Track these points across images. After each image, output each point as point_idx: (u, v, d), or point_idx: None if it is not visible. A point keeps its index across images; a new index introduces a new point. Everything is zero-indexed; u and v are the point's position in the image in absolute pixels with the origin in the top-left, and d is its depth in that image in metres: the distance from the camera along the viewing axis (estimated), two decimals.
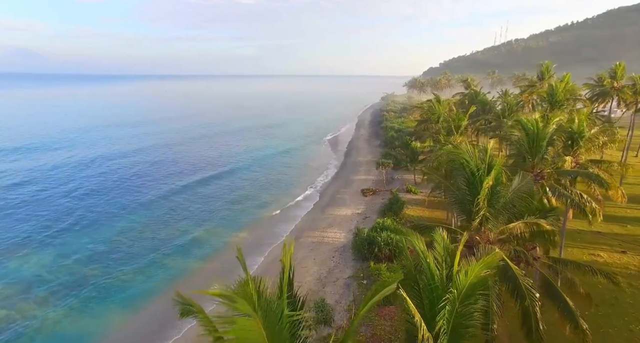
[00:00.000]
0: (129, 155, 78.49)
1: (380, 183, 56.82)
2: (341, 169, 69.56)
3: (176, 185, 59.17)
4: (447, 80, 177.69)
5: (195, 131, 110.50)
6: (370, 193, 52.03)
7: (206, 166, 71.67)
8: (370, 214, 44.76)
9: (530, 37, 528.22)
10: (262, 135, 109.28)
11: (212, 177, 64.26)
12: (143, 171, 66.62)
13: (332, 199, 52.19)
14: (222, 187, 59.16)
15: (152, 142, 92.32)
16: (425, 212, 43.80)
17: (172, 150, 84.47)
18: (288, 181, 63.72)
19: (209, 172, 67.11)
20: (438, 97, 45.14)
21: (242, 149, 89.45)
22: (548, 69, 50.81)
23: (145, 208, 50.03)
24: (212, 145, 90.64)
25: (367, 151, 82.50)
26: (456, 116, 28.52)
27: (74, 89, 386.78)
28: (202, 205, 51.19)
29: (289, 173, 69.19)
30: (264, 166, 73.32)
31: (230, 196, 55.10)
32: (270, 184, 62.04)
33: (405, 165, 57.30)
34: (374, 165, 68.69)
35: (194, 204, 51.55)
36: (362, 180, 60.41)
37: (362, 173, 64.80)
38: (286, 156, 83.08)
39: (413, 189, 50.73)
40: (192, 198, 53.85)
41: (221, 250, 38.79)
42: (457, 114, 28.66)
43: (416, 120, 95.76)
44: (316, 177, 66.06)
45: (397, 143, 69.27)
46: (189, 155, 79.67)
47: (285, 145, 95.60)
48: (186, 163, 72.77)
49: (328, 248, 36.86)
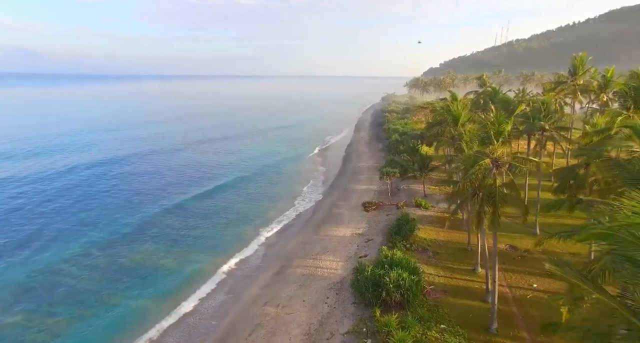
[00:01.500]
0: (112, 163, 69.75)
1: (384, 195, 49.21)
2: (339, 176, 61.92)
3: (153, 201, 51.44)
4: (451, 79, 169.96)
5: (189, 137, 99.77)
6: (372, 208, 44.41)
7: (196, 177, 63.81)
8: (374, 235, 37.14)
9: (532, 37, 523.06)
10: (257, 139, 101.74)
11: (196, 191, 56.39)
12: (120, 183, 57.94)
13: (328, 214, 44.54)
14: (204, 201, 51.43)
15: (137, 148, 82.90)
16: (440, 233, 36.18)
17: (160, 158, 75.50)
18: (278, 191, 56.04)
19: (196, 185, 58.95)
20: (454, 94, 37.45)
21: (233, 155, 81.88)
22: (582, 63, 43.34)
23: (108, 226, 42.37)
24: (204, 152, 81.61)
25: (368, 155, 74.89)
26: (496, 118, 20.84)
27: (73, 89, 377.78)
28: (180, 223, 43.54)
29: (280, 181, 61.57)
30: (254, 174, 65.64)
31: (212, 212, 47.42)
32: (260, 195, 54.41)
33: (414, 174, 49.74)
34: (376, 172, 61.14)
35: (174, 222, 43.86)
36: (363, 190, 52.79)
37: (363, 182, 57.17)
38: (279, 161, 75.45)
39: (423, 203, 43.14)
40: (171, 215, 46.08)
41: (189, 285, 31.17)
42: (497, 115, 20.92)
43: (424, 121, 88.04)
44: (311, 186, 58.48)
45: (402, 147, 61.71)
46: (179, 165, 69.84)
47: (279, 149, 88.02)
48: (174, 175, 63.32)
49: (321, 284, 29.20)
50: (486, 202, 19.59)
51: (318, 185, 58.40)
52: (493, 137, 20.30)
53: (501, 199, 19.10)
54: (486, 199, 19.59)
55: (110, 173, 63.16)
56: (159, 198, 51.03)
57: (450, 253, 32.30)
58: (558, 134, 31.59)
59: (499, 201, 19.03)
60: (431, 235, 35.81)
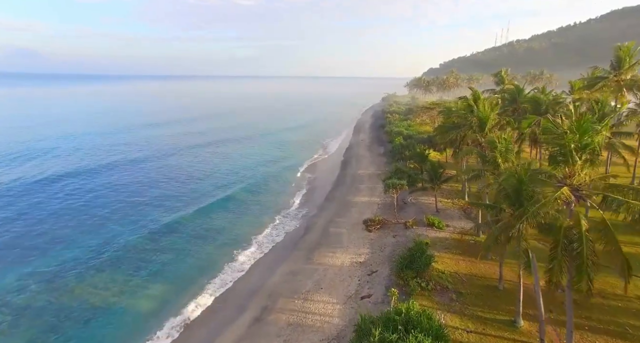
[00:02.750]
0: (93, 172, 61.36)
1: (390, 210, 42.24)
2: (337, 185, 54.93)
3: (120, 220, 44.40)
4: (455, 79, 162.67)
5: (182, 141, 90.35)
6: (376, 227, 37.42)
7: (177, 191, 56.64)
8: (379, 265, 30.18)
9: (532, 37, 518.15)
10: (252, 143, 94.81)
11: (174, 209, 49.42)
12: (91, 198, 49.37)
13: (324, 234, 37.57)
14: (181, 219, 44.40)
15: (122, 154, 73.95)
16: (461, 263, 29.23)
17: (144, 167, 66.30)
18: (265, 203, 49.02)
19: (176, 200, 51.89)
20: (477, 92, 30.27)
21: (224, 162, 75.02)
22: (629, 54, 36.22)
23: (64, 250, 35.36)
24: (193, 158, 73.18)
25: (369, 161, 67.93)
26: (578, 124, 13.82)
27: (70, 89, 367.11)
28: (149, 246, 36.55)
29: (269, 190, 54.61)
30: (242, 181, 58.65)
31: (188, 231, 40.42)
32: (244, 208, 47.44)
33: (423, 185, 42.87)
34: (378, 181, 54.20)
35: (142, 245, 36.85)
36: (364, 203, 45.84)
37: (363, 192, 50.20)
38: (271, 168, 68.52)
39: (436, 222, 36.20)
40: (140, 238, 38.97)
41: (137, 334, 24.20)
42: (583, 120, 13.82)
43: (430, 123, 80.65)
44: (304, 197, 51.57)
45: (408, 153, 54.76)
46: (163, 177, 60.54)
47: (273, 153, 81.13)
48: (154, 190, 53.63)
49: (312, 340, 22.21)
50: (563, 258, 12.56)
51: (312, 197, 51.43)
52: (573, 152, 13.33)
53: (591, 254, 12.08)
54: (563, 252, 12.61)
55: (87, 185, 54.52)
56: (129, 216, 43.79)
57: (477, 293, 25.28)
58: (622, 143, 24.68)
59: (589, 257, 12.02)
60: (450, 266, 28.85)
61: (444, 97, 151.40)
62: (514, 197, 19.43)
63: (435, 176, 39.17)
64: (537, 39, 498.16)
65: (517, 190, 19.11)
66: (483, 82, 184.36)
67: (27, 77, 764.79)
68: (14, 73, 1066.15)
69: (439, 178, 39.01)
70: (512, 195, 19.41)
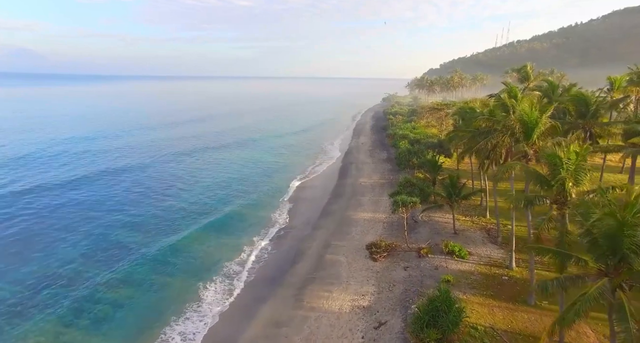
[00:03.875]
0: (64, 188, 51.63)
1: (398, 230, 35.24)
2: (334, 197, 47.84)
3: (70, 247, 37.24)
4: (460, 78, 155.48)
5: (170, 147, 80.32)
6: (382, 255, 30.37)
7: (160, 204, 49.45)
8: (388, 314, 23.12)
9: (533, 38, 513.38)
10: (245, 149, 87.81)
11: (141, 235, 42.32)
12: (37, 220, 40.61)
13: (318, 264, 30.51)
14: (142, 245, 37.31)
15: (95, 165, 63.79)
16: (496, 312, 22.20)
17: (119, 180, 56.14)
18: (250, 219, 41.77)
19: (145, 227, 44.36)
20: (514, 88, 22.80)
21: (212, 169, 68.12)
22: None
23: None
24: (185, 166, 65.11)
25: (372, 168, 60.89)
26: None
27: (67, 89, 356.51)
28: (97, 289, 29.46)
29: (257, 202, 47.45)
30: (226, 192, 51.61)
31: (155, 257, 33.34)
32: (228, 225, 40.35)
33: (436, 199, 35.94)
34: (382, 192, 47.31)
35: (94, 286, 29.78)
36: (367, 221, 38.79)
37: (366, 207, 43.13)
38: (260, 177, 61.44)
39: (457, 249, 29.21)
40: (96, 276, 31.88)
41: None
42: None
43: (437, 126, 72.92)
44: (296, 212, 44.47)
45: (416, 161, 47.76)
46: (148, 186, 52.80)
47: (265, 158, 74.13)
48: (120, 213, 43.52)
49: None
50: None
51: (306, 212, 44.28)
52: None
53: None
54: None
55: (53, 202, 46.11)
56: (85, 243, 36.41)
57: None
58: None
59: None
60: (483, 316, 21.85)
61: (448, 97, 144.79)
62: (607, 246, 12.47)
63: (454, 191, 32.15)
64: (538, 40, 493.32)
65: (613, 237, 12.15)
66: (487, 83, 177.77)
67: (22, 77, 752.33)
68: (14, 73, 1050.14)
69: (458, 194, 32.00)
70: (605, 243, 12.44)
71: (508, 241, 31.33)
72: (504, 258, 28.56)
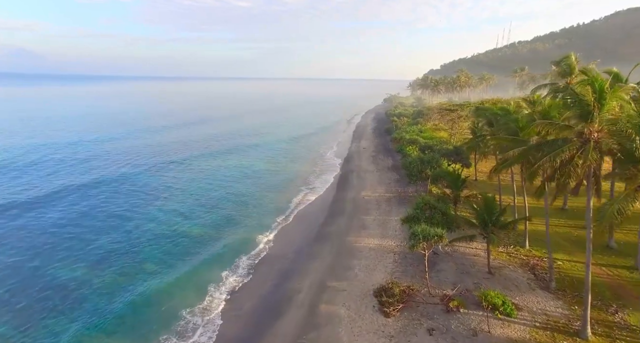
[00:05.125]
0: (43, 204, 43.56)
1: (413, 266, 27.37)
2: (332, 215, 39.85)
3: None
4: (466, 77, 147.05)
5: (155, 154, 70.85)
6: (396, 307, 22.38)
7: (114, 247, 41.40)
8: None
9: (535, 38, 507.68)
10: (238, 155, 79.92)
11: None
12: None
13: (307, 321, 22.52)
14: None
15: (74, 178, 54.30)
16: None
17: (104, 193, 48.20)
18: (222, 242, 33.63)
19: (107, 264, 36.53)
20: (600, 80, 15.31)
21: (193, 178, 60.22)
22: None
23: None
24: (166, 179, 55.54)
25: (376, 178, 52.98)
26: None
27: (63, 89, 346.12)
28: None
29: (236, 222, 39.33)
30: (203, 208, 43.63)
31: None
32: (192, 254, 32.40)
33: (461, 227, 28.08)
34: (390, 209, 39.56)
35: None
36: (374, 249, 30.87)
37: (371, 229, 35.19)
38: (249, 187, 53.48)
39: (500, 303, 21.23)
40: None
41: None
42: None
43: (448, 129, 63.80)
44: (284, 234, 36.45)
45: (431, 171, 39.68)
46: (121, 206, 43.92)
47: (256, 166, 66.16)
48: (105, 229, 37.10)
49: None
50: None
51: (296, 235, 36.23)
52: None
53: None
54: None
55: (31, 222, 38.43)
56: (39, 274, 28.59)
57: None
58: None
59: None
60: None
61: (453, 98, 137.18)
62: None
63: (490, 218, 24.21)
64: (540, 40, 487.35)
65: None
66: (494, 83, 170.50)
67: (21, 77, 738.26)
68: (13, 73, 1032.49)
69: (496, 221, 24.07)
70: None
71: (565, 286, 23.50)
72: (567, 317, 20.67)
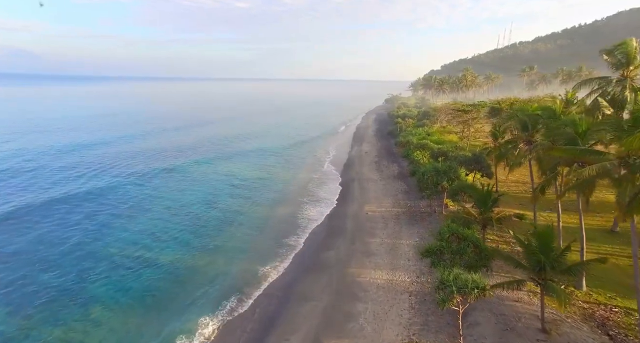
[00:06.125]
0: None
1: (436, 315, 20.58)
2: (329, 236, 32.95)
3: None
4: (472, 76, 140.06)
5: (138, 164, 60.38)
6: None
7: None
8: None
9: (536, 39, 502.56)
10: (228, 163, 73.02)
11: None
12: None
13: None
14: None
15: (41, 192, 48.54)
16: None
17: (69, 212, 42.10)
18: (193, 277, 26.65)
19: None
20: None
21: (168, 194, 53.32)
22: None
23: None
24: (138, 198, 49.74)
25: (380, 188, 46.17)
26: None
27: (60, 89, 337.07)
28: None
29: (215, 247, 32.46)
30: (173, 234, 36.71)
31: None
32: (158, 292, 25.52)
33: (507, 267, 21.36)
34: (400, 229, 32.87)
35: None
36: (382, 287, 24.07)
37: (379, 258, 28.36)
38: (235, 198, 46.61)
39: None
40: None
41: None
42: None
43: (460, 132, 55.37)
44: (274, 265, 29.53)
45: (448, 184, 32.87)
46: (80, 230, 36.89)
47: (250, 174, 59.29)
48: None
49: None
50: None
51: (284, 264, 29.35)
52: None
53: None
54: None
55: None
56: None
57: None
58: None
59: None
60: None
61: (458, 98, 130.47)
62: None
63: (547, 260, 17.36)
64: (542, 41, 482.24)
65: None
66: (499, 83, 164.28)
67: (21, 77, 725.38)
68: (12, 73, 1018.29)
69: (556, 264, 17.24)
70: None
71: None
72: None
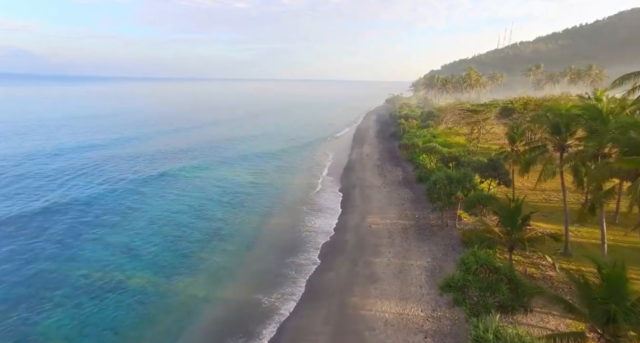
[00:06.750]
0: None
1: None
2: (328, 253, 28.97)
3: None
4: (477, 76, 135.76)
5: (127, 171, 55.64)
6: None
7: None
8: None
9: (537, 39, 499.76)
10: (224, 168, 68.93)
11: None
12: None
13: None
14: None
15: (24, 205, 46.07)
16: None
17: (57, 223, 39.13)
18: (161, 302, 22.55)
19: None
20: None
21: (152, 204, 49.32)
22: None
23: None
24: (128, 205, 45.82)
25: (384, 196, 42.12)
26: None
27: (57, 89, 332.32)
28: None
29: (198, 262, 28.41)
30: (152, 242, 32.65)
31: None
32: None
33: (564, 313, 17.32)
34: (408, 246, 29.02)
35: None
36: (391, 324, 20.10)
37: (386, 284, 24.39)
38: (226, 208, 42.58)
39: None
40: None
41: None
42: None
43: (471, 135, 50.83)
44: (268, 287, 25.51)
45: (463, 194, 28.90)
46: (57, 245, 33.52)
47: (245, 178, 55.24)
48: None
49: None
50: None
51: (275, 286, 25.33)
52: None
53: None
54: None
55: None
56: None
57: None
58: None
59: None
60: None
61: (462, 98, 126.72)
62: None
63: (618, 304, 13.30)
64: (543, 41, 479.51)
65: None
66: (503, 82, 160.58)
67: (20, 77, 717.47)
68: (12, 74, 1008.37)
69: (633, 315, 13.16)
70: None
71: None
72: None
